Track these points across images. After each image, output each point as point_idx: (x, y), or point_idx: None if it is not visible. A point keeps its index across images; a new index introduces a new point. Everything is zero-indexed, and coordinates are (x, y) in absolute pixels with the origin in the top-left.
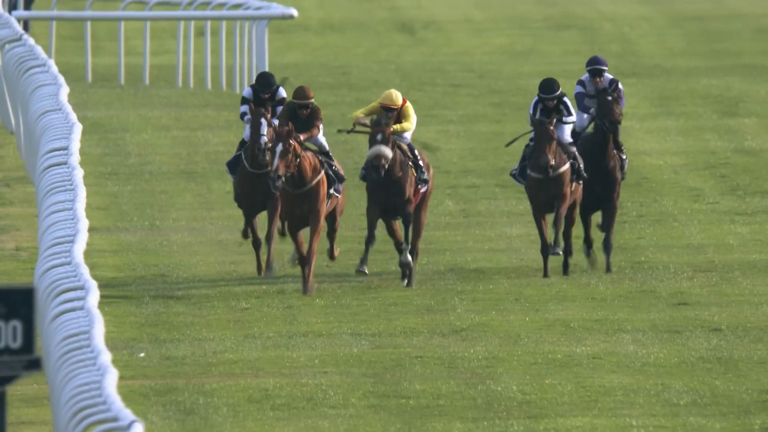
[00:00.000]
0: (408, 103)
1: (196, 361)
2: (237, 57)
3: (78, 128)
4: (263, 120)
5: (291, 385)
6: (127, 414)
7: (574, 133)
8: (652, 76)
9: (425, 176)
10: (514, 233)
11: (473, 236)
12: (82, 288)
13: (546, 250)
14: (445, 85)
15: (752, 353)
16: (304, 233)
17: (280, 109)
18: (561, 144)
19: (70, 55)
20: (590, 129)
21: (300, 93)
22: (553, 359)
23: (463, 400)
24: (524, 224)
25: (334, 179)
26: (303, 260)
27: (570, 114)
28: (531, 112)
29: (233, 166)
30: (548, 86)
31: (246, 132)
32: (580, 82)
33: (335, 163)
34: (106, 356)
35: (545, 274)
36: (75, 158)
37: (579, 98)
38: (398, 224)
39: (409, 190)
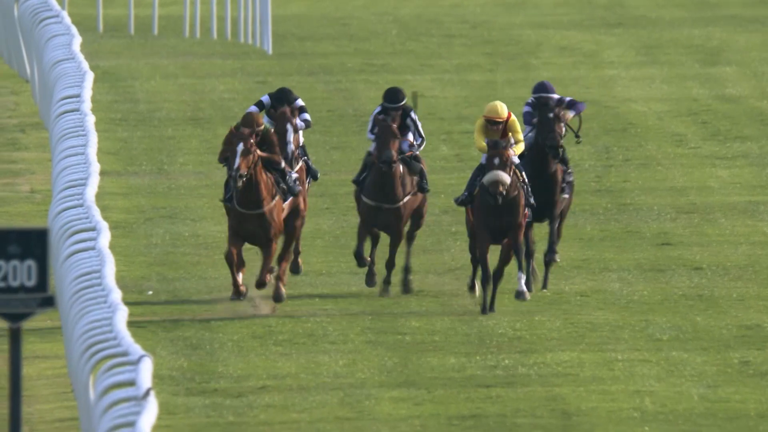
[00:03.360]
0: (513, 116)
1: (202, 299)
2: (242, 8)
3: (90, 76)
4: (289, 126)
5: (293, 321)
6: (136, 349)
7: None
8: (638, 26)
9: (531, 199)
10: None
11: (467, 180)
12: (93, 229)
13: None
14: (440, 36)
15: (732, 291)
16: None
17: (305, 115)
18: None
19: (82, 6)
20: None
21: (247, 120)
22: (542, 297)
23: (456, 336)
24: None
25: (286, 192)
26: (259, 284)
27: (417, 131)
28: (370, 124)
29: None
30: (393, 95)
31: None
32: (528, 104)
33: (294, 175)
34: (116, 294)
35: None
36: (87, 105)
37: (526, 116)
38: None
39: (522, 214)
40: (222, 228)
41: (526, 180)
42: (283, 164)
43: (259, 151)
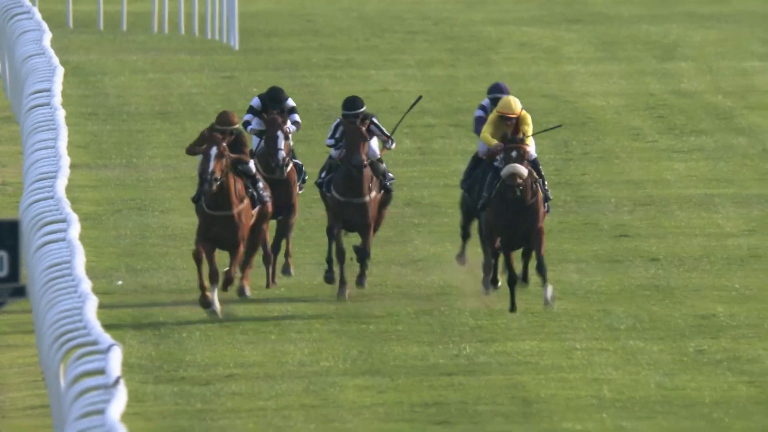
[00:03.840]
0: (524, 111)
1: (170, 289)
2: (209, 5)
3: (60, 71)
4: (280, 133)
5: (259, 311)
6: (106, 338)
7: (477, 159)
8: (596, 23)
9: (549, 193)
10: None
11: (429, 172)
12: (64, 221)
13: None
14: (402, 32)
15: (687, 281)
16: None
17: (295, 116)
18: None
19: (52, 2)
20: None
21: (223, 118)
22: (502, 288)
23: (419, 325)
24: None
25: (257, 201)
26: (225, 282)
27: (382, 133)
28: (330, 132)
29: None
30: (351, 103)
31: (254, 141)
32: (482, 107)
33: (261, 184)
34: (86, 284)
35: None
36: (57, 99)
37: (478, 122)
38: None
39: (541, 219)
40: (190, 220)
41: (542, 174)
42: (254, 170)
43: (231, 155)
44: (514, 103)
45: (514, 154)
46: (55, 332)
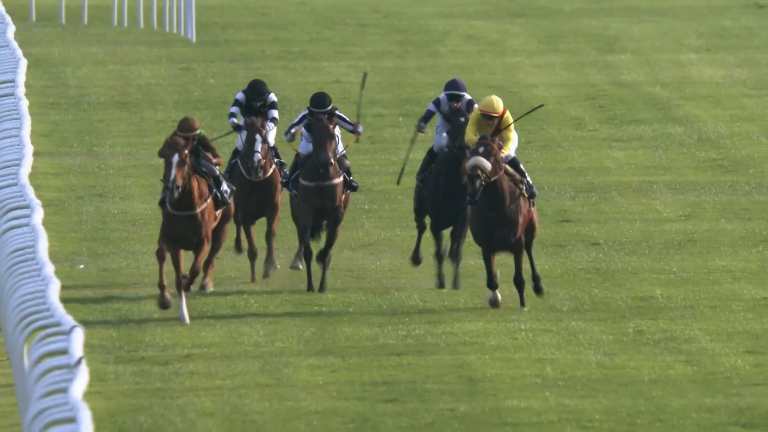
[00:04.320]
0: (507, 112)
1: (130, 273)
2: None
3: (23, 63)
4: (258, 136)
5: (216, 294)
6: (68, 320)
7: (432, 153)
8: (540, 17)
9: (535, 190)
10: (417, 158)
11: (379, 161)
12: (27, 207)
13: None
14: (354, 25)
15: (627, 265)
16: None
17: (273, 112)
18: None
19: None
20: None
21: (184, 125)
22: (450, 271)
23: (370, 307)
24: (424, 150)
25: (220, 202)
26: (185, 282)
27: (347, 122)
28: (296, 122)
29: (231, 176)
30: (320, 100)
31: (239, 142)
32: (436, 101)
33: (224, 185)
34: (49, 268)
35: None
36: (21, 90)
37: (427, 114)
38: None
39: (521, 228)
40: (149, 206)
41: (525, 173)
42: (217, 171)
43: (189, 159)
44: (497, 103)
45: (481, 149)
46: (19, 314)
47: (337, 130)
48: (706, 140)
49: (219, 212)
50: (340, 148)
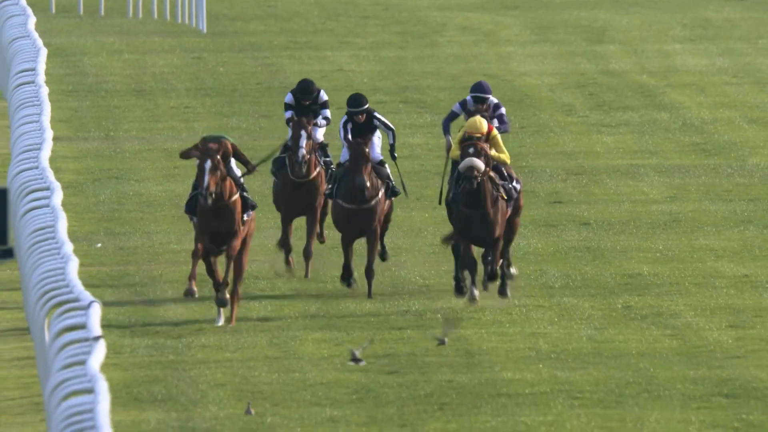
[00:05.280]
0: (494, 130)
1: (145, 251)
2: None
3: (43, 52)
4: (303, 132)
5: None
6: (86, 295)
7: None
8: (532, 9)
9: (514, 193)
10: (416, 142)
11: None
12: (47, 189)
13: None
14: (356, 17)
15: (616, 243)
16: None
17: (326, 112)
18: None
19: None
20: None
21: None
22: (447, 250)
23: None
24: (424, 135)
25: (247, 205)
26: (219, 287)
27: (385, 126)
28: (342, 132)
29: (279, 166)
30: (356, 100)
31: (289, 137)
32: (462, 103)
33: (247, 194)
34: (68, 247)
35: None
36: (41, 78)
37: (449, 116)
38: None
39: (500, 229)
40: (163, 188)
41: (508, 174)
42: (241, 180)
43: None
44: (480, 123)
45: (471, 150)
46: (40, 290)
47: (377, 136)
48: (690, 126)
49: (247, 217)
50: (377, 151)
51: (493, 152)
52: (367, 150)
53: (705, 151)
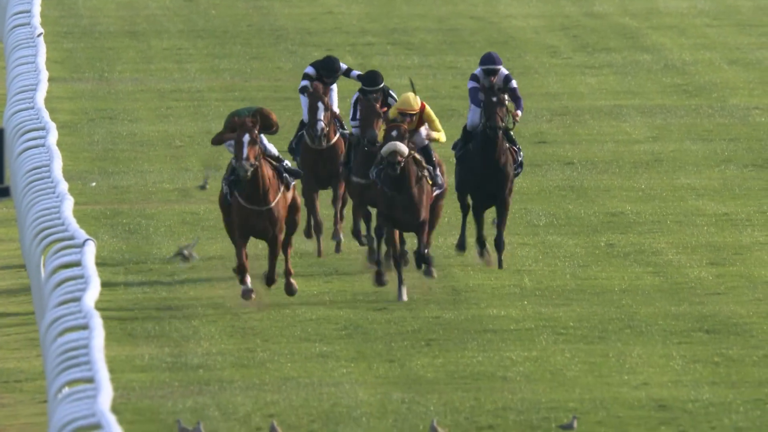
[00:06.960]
0: (427, 107)
1: (138, 190)
2: None
3: None
4: (320, 104)
5: (217, 209)
6: (81, 233)
7: (466, 132)
8: None
9: (440, 180)
10: (404, 83)
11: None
12: (43, 128)
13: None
14: None
15: (599, 182)
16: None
17: (353, 73)
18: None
19: None
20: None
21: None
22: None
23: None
24: (411, 76)
25: (288, 179)
26: (269, 280)
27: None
28: (353, 113)
29: (297, 147)
30: (371, 79)
31: (304, 113)
32: (474, 77)
33: (287, 163)
34: (63, 185)
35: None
36: (36, 19)
37: (473, 93)
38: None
39: (425, 212)
40: (156, 128)
41: (435, 161)
42: (275, 151)
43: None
44: (413, 100)
45: (394, 133)
46: (36, 228)
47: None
48: (671, 67)
49: (289, 195)
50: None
51: (430, 132)
52: (378, 105)
53: (686, 92)
